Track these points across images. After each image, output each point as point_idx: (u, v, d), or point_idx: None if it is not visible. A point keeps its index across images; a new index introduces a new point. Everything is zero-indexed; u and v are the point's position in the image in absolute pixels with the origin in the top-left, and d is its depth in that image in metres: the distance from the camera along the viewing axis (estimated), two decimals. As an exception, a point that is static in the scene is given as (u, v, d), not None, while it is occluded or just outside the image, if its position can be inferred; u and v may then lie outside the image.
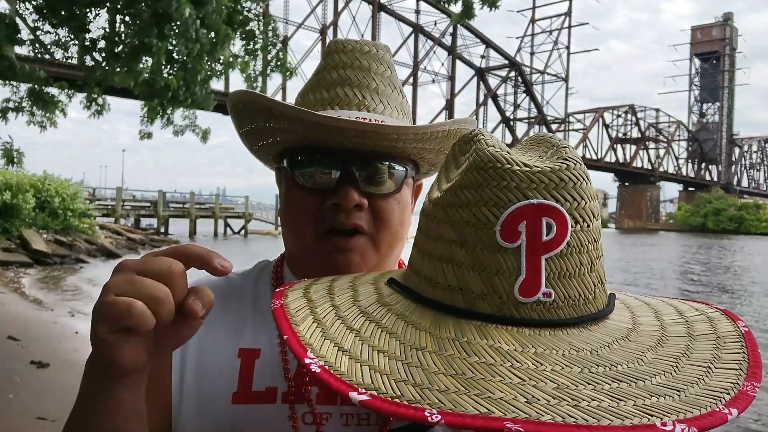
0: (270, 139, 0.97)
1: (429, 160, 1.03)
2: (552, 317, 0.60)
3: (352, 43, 0.99)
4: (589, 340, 0.59)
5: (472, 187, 0.62)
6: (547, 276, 0.59)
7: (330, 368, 0.56)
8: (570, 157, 0.62)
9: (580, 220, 0.60)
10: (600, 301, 0.64)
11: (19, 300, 12.66)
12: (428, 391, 0.52)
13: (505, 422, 0.48)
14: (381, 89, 0.96)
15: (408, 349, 0.59)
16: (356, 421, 0.87)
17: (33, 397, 5.80)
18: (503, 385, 0.52)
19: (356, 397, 0.52)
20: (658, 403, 0.52)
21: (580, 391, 0.52)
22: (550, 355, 0.56)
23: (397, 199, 0.96)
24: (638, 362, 0.57)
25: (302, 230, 0.94)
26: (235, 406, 0.87)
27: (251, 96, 0.91)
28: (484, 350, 0.57)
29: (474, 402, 0.51)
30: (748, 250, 45.14)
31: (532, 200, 0.59)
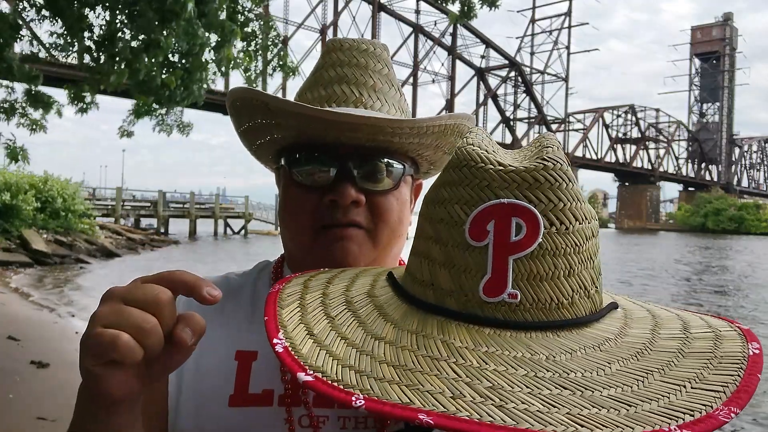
0: (268, 136, 0.97)
1: (427, 157, 1.03)
2: (517, 319, 0.59)
3: (349, 41, 0.99)
4: (551, 345, 0.58)
5: (448, 185, 0.63)
6: (515, 277, 0.58)
7: (292, 350, 0.58)
8: (550, 158, 0.60)
9: (556, 222, 0.59)
10: (580, 307, 0.61)
11: (19, 300, 12.66)
12: (366, 378, 0.53)
13: (419, 413, 0.48)
14: (378, 86, 0.97)
15: (368, 338, 0.60)
16: (353, 424, 0.87)
17: (33, 397, 5.81)
18: (437, 379, 0.53)
19: (301, 377, 0.54)
20: (596, 415, 0.49)
21: (514, 393, 0.51)
22: (500, 355, 0.56)
23: (395, 195, 0.96)
24: (597, 372, 0.55)
25: (300, 227, 0.94)
26: (232, 408, 0.87)
27: (248, 93, 0.91)
28: (434, 344, 0.57)
29: (400, 392, 0.51)
30: (747, 251, 45.14)
31: (502, 200, 0.58)
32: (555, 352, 0.57)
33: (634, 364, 0.57)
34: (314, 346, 0.59)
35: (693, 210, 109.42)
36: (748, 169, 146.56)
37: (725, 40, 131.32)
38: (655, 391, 0.53)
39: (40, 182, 23.98)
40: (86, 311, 12.19)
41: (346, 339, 0.60)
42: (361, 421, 0.87)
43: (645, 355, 0.58)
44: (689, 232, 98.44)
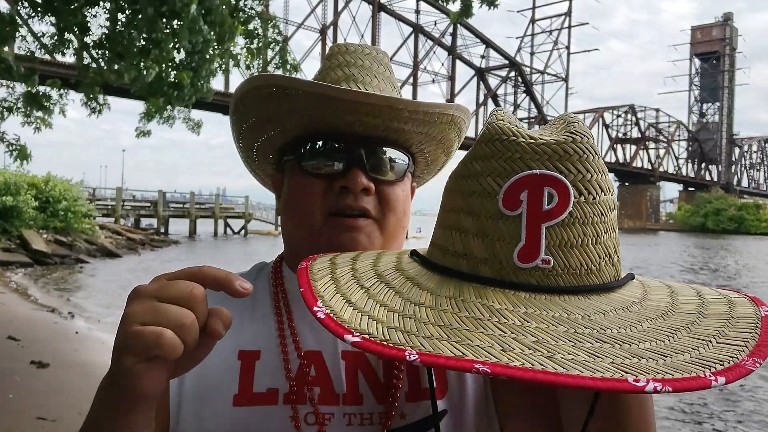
0: (277, 128, 0.98)
1: (427, 154, 1.06)
2: (551, 284, 0.61)
3: (353, 45, 1.03)
4: (585, 306, 0.61)
5: (480, 159, 0.65)
6: (547, 244, 0.60)
7: (334, 315, 0.60)
8: (577, 131, 0.64)
9: (584, 192, 0.62)
10: (606, 274, 0.64)
11: (19, 300, 12.65)
12: (414, 337, 0.56)
13: (474, 364, 0.51)
14: (382, 87, 1.00)
15: (407, 303, 0.62)
16: (359, 421, 0.87)
17: (33, 397, 5.80)
18: (484, 336, 0.55)
19: (349, 339, 0.56)
20: (638, 364, 0.52)
21: (558, 346, 0.54)
22: (539, 315, 0.58)
23: (401, 187, 0.99)
24: (631, 329, 0.58)
25: (309, 214, 0.94)
26: (236, 408, 0.87)
27: (264, 79, 0.92)
28: (475, 306, 0.59)
29: (452, 347, 0.54)
30: (744, 251, 45.11)
31: (534, 170, 0.61)
32: (590, 312, 0.60)
33: (662, 322, 0.60)
34: (355, 312, 0.61)
35: (693, 210, 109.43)
36: (748, 169, 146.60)
37: (725, 40, 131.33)
38: (686, 345, 0.56)
39: (41, 182, 23.97)
40: (86, 311, 12.18)
41: (385, 305, 0.62)
42: (367, 417, 0.88)
43: (670, 316, 0.62)
44: (689, 232, 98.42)
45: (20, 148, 8.03)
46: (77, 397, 5.60)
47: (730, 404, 7.86)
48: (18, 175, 22.99)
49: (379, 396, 0.88)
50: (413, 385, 0.90)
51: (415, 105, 0.91)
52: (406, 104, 0.90)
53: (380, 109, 0.89)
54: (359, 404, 0.88)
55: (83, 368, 7.10)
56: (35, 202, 22.40)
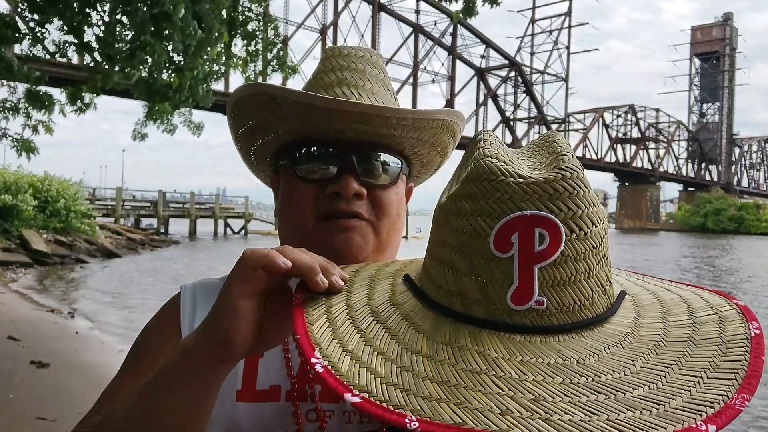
0: (271, 134, 1.00)
1: (422, 156, 1.07)
2: (544, 323, 0.61)
3: (348, 48, 1.04)
4: (579, 347, 0.60)
5: (469, 198, 0.64)
6: (540, 284, 0.60)
7: (332, 368, 0.59)
8: (567, 167, 0.63)
9: (576, 229, 0.61)
10: (598, 305, 0.65)
11: (19, 300, 12.65)
12: (413, 397, 0.55)
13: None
14: (376, 89, 1.01)
15: (404, 351, 0.61)
16: (358, 419, 0.89)
17: (33, 397, 5.80)
18: (482, 395, 0.54)
19: (349, 399, 0.55)
20: (632, 417, 0.52)
21: (555, 403, 0.53)
22: (535, 363, 0.58)
23: (394, 190, 1.00)
24: (625, 372, 0.58)
25: (301, 218, 0.96)
26: (239, 404, 0.88)
27: (257, 87, 0.94)
28: (471, 356, 0.59)
29: (451, 411, 0.53)
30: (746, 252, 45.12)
31: (525, 211, 0.60)
32: (584, 355, 0.59)
33: (655, 358, 0.60)
34: (353, 363, 0.60)
35: (693, 210, 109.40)
36: (748, 169, 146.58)
37: (725, 40, 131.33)
38: (678, 386, 0.56)
39: (39, 182, 23.97)
40: (86, 311, 12.18)
41: (382, 354, 0.61)
42: (365, 415, 0.87)
43: (662, 348, 0.61)
44: (689, 232, 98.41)
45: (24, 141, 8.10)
46: (77, 397, 5.60)
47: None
48: (18, 175, 23.00)
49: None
50: None
51: (402, 113, 0.92)
52: (394, 112, 0.91)
53: (369, 117, 0.91)
54: None
55: (83, 368, 7.11)
56: (35, 201, 22.41)
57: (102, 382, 0.93)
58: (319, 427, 0.87)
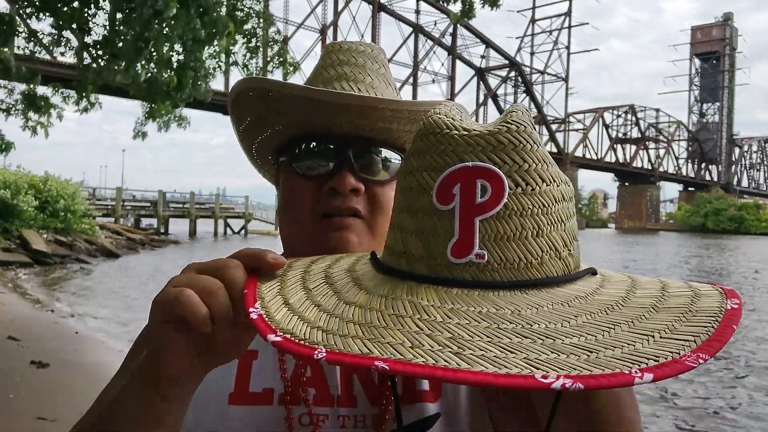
0: (269, 130, 1.00)
1: None
2: (485, 278, 0.60)
3: (348, 43, 1.04)
4: (518, 301, 0.59)
5: (416, 154, 0.65)
6: (482, 238, 0.59)
7: (266, 316, 0.60)
8: (513, 120, 0.62)
9: (521, 183, 0.60)
10: (551, 267, 0.62)
11: (19, 300, 12.65)
12: (331, 336, 0.55)
13: (375, 361, 0.50)
14: (376, 84, 1.00)
15: (340, 303, 0.62)
16: (353, 423, 0.87)
17: (33, 397, 5.80)
18: (398, 333, 0.54)
19: (271, 338, 0.56)
20: (555, 360, 0.50)
21: (473, 342, 0.52)
22: (465, 311, 0.57)
23: (392, 187, 0.97)
24: (562, 323, 0.56)
25: (300, 216, 0.95)
26: (232, 407, 0.87)
27: (251, 82, 0.94)
28: (401, 304, 0.59)
29: (362, 344, 0.53)
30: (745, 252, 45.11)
31: (466, 163, 0.60)
32: (521, 307, 0.58)
33: (603, 317, 0.57)
34: (288, 312, 0.61)
35: (693, 210, 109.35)
36: (748, 169, 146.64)
37: (725, 40, 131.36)
38: (621, 340, 0.53)
39: (40, 182, 23.97)
40: (86, 311, 12.18)
41: (319, 306, 0.62)
42: (360, 419, 0.88)
43: (615, 310, 0.59)
44: (689, 232, 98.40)
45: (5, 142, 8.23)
46: (77, 397, 5.59)
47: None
48: (18, 175, 23.00)
49: (372, 398, 0.89)
50: (407, 388, 0.89)
51: (397, 104, 0.91)
52: (388, 104, 0.90)
53: (363, 110, 0.90)
54: (353, 406, 0.88)
55: (83, 368, 7.10)
56: (36, 202, 22.41)
57: (102, 382, 0.93)
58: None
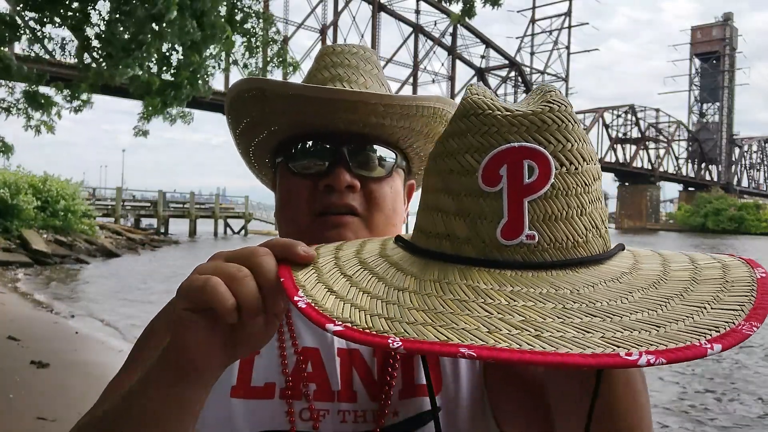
0: (265, 131, 1.01)
1: (418, 149, 1.06)
2: (536, 259, 0.60)
3: (341, 46, 1.05)
4: (573, 280, 0.59)
5: (456, 135, 0.64)
6: (531, 218, 0.59)
7: (315, 305, 0.58)
8: (554, 100, 0.62)
9: (566, 162, 0.60)
10: (594, 245, 0.63)
11: (19, 300, 12.65)
12: (398, 324, 0.54)
13: (460, 348, 0.49)
14: (369, 84, 1.01)
15: (391, 289, 0.61)
16: (353, 418, 0.88)
17: (33, 397, 5.80)
18: (470, 318, 0.54)
19: (331, 328, 0.54)
20: (630, 336, 0.51)
21: (546, 323, 0.53)
22: (526, 293, 0.57)
23: (389, 183, 0.99)
24: (621, 300, 0.57)
25: (297, 215, 0.96)
26: (233, 399, 0.87)
27: (247, 83, 0.95)
28: (460, 288, 0.58)
29: (436, 332, 0.52)
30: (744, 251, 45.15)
31: (512, 143, 0.59)
32: (578, 286, 0.58)
33: (654, 291, 0.58)
34: (337, 300, 0.59)
35: (693, 210, 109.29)
36: (748, 169, 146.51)
37: (725, 40, 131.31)
38: (679, 313, 0.55)
39: (39, 182, 23.97)
40: (86, 311, 12.18)
41: (368, 293, 0.61)
42: (360, 414, 0.88)
43: (662, 284, 0.60)
44: (689, 232, 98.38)
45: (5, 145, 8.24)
46: (77, 397, 5.59)
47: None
48: (18, 175, 23.00)
49: (372, 393, 0.89)
50: (407, 383, 0.90)
51: (388, 99, 0.91)
52: (379, 99, 0.91)
53: (355, 105, 0.90)
54: (353, 401, 0.88)
55: (83, 368, 7.10)
56: (37, 202, 22.42)
57: (102, 382, 0.93)
58: (313, 427, 0.86)
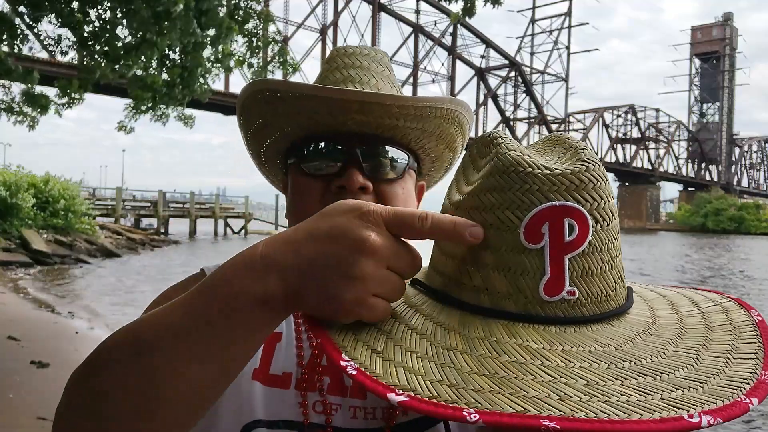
0: (277, 132, 1.01)
1: (429, 151, 1.06)
2: (576, 315, 0.62)
3: (352, 47, 1.05)
4: (613, 335, 0.61)
5: (495, 191, 0.64)
6: (571, 275, 0.61)
7: (365, 370, 0.57)
8: (589, 159, 0.64)
9: (600, 219, 0.62)
10: (620, 296, 0.66)
11: (19, 300, 12.65)
12: (464, 391, 0.54)
13: (541, 420, 0.49)
14: (381, 86, 1.01)
15: (439, 349, 0.60)
16: (363, 415, 0.88)
17: (33, 397, 5.80)
18: (536, 384, 0.54)
19: (394, 399, 0.53)
20: (684, 396, 0.53)
21: (609, 386, 0.54)
22: (577, 352, 0.58)
23: (401, 185, 0.99)
24: (661, 356, 0.59)
25: (309, 215, 0.94)
26: (254, 382, 0.88)
27: (260, 84, 0.95)
28: (513, 349, 0.58)
29: (509, 401, 0.52)
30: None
31: (554, 202, 0.61)
32: (619, 342, 0.60)
33: (683, 343, 0.62)
34: (386, 363, 0.58)
35: (693, 210, 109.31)
36: (748, 169, 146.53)
37: (725, 40, 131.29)
38: (712, 366, 0.58)
39: (41, 182, 23.97)
40: (86, 311, 12.18)
41: (416, 353, 0.59)
42: (370, 411, 0.89)
43: (685, 334, 0.64)
44: (689, 232, 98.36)
45: None
46: (77, 397, 5.59)
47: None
48: (19, 176, 23.00)
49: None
50: None
51: (402, 100, 0.92)
52: (394, 100, 0.91)
53: (370, 106, 0.91)
54: (363, 398, 0.89)
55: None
56: (33, 200, 22.40)
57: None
58: (325, 421, 0.87)
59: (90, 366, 0.66)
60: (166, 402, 0.61)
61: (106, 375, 0.63)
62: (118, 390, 0.62)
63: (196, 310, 0.61)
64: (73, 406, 0.65)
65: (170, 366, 0.60)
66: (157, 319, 0.63)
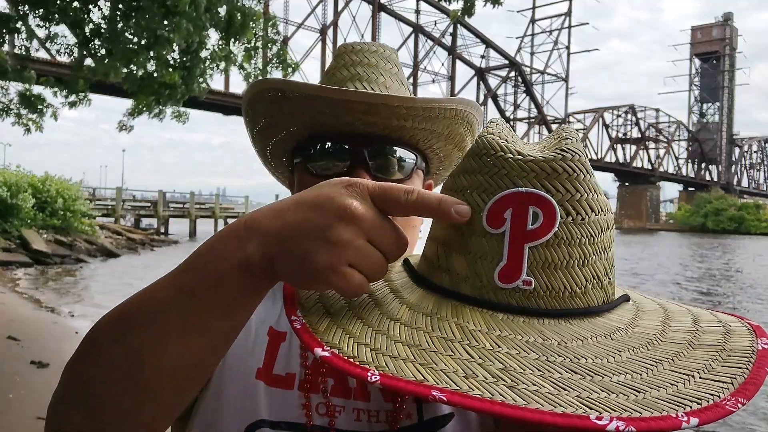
0: (283, 131, 1.00)
1: (438, 150, 1.04)
2: (531, 305, 0.60)
3: (360, 44, 1.04)
4: (563, 332, 0.59)
5: (467, 173, 0.64)
6: (530, 264, 0.59)
7: (310, 326, 0.61)
8: (568, 149, 0.62)
9: (572, 212, 0.60)
10: (593, 297, 0.63)
11: (19, 300, 12.64)
12: (381, 356, 0.55)
13: (432, 390, 0.50)
14: (389, 84, 1.00)
15: (384, 319, 0.61)
16: (366, 417, 0.87)
17: (33, 397, 5.79)
18: (450, 359, 0.54)
19: (319, 353, 0.56)
20: (606, 399, 0.51)
21: (525, 375, 0.53)
22: (513, 339, 0.57)
23: (409, 185, 0.97)
24: (608, 359, 0.56)
25: None
26: (257, 381, 0.88)
27: (265, 83, 0.94)
28: (449, 326, 0.59)
29: (414, 370, 0.53)
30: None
31: (520, 188, 0.59)
32: (567, 339, 0.58)
33: (644, 353, 0.58)
34: (331, 323, 0.61)
35: (693, 210, 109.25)
36: (748, 169, 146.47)
37: (725, 40, 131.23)
38: (664, 380, 0.54)
39: (40, 182, 23.97)
40: (86, 311, 12.17)
41: (362, 319, 0.62)
42: (374, 414, 0.88)
43: (655, 346, 0.59)
44: (689, 232, 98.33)
45: None
46: (77, 397, 5.59)
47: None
48: (19, 176, 23.00)
49: (386, 394, 0.88)
50: None
51: (411, 101, 0.90)
52: (402, 101, 0.89)
53: (377, 107, 0.89)
54: (366, 401, 0.88)
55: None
56: (33, 200, 22.39)
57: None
58: (329, 423, 0.86)
59: (77, 353, 0.67)
60: (152, 383, 0.61)
61: (91, 360, 0.64)
62: (102, 373, 0.63)
63: (180, 281, 0.62)
64: (63, 398, 0.68)
65: (153, 342, 0.61)
66: (143, 294, 0.65)
